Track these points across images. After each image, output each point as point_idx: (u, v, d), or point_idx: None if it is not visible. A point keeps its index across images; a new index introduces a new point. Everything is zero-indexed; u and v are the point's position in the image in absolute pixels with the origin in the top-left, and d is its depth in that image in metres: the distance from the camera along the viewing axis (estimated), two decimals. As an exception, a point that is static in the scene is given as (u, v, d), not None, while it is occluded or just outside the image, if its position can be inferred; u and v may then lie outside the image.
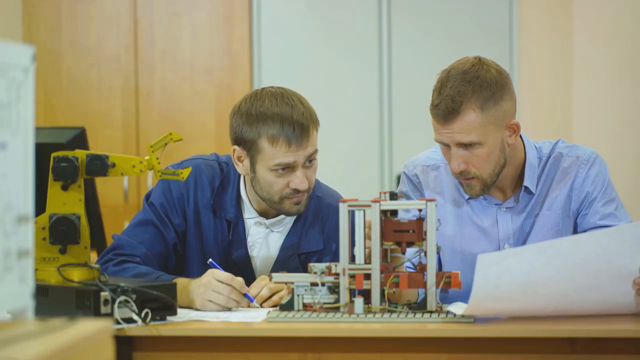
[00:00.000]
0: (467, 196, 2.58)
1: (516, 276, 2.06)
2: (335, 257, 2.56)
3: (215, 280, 2.31)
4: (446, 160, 2.52)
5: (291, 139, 2.43)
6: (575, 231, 2.58)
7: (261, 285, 2.40)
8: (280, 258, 2.58)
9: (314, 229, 2.60)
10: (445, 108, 2.41)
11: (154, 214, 2.57)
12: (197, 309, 2.32)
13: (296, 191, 2.48)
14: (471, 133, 2.42)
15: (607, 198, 2.56)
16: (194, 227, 2.58)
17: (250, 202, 2.59)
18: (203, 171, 2.58)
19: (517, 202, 2.57)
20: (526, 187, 2.55)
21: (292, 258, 2.58)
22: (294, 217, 2.60)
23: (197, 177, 2.57)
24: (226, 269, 2.43)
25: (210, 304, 2.31)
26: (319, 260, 2.58)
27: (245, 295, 2.33)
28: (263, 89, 2.52)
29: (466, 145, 2.44)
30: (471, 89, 2.41)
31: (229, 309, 2.31)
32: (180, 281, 2.35)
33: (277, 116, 2.44)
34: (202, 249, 2.57)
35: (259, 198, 2.55)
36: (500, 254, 2.13)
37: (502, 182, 2.56)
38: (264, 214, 2.60)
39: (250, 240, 2.59)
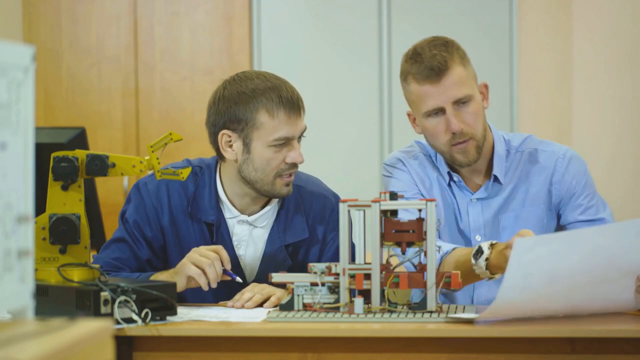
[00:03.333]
0: (445, 184, 2.60)
1: (545, 265, 2.05)
2: (323, 245, 2.57)
3: (203, 248, 2.36)
4: (438, 132, 2.52)
5: (290, 111, 2.44)
6: (558, 224, 2.60)
7: (254, 292, 2.39)
8: (267, 252, 2.56)
9: (298, 218, 2.57)
10: (436, 64, 2.48)
11: (127, 232, 2.55)
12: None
13: (292, 166, 2.47)
14: (463, 86, 2.50)
15: (588, 191, 2.60)
16: (172, 237, 2.55)
17: (229, 201, 2.56)
18: (174, 181, 2.54)
19: (488, 193, 2.59)
20: (495, 177, 2.57)
21: (279, 250, 2.56)
22: (276, 211, 2.58)
23: (169, 186, 2.54)
24: None
25: (191, 266, 2.32)
26: (307, 250, 2.57)
27: (226, 272, 2.34)
28: (243, 72, 2.54)
29: (459, 104, 2.49)
30: (447, 49, 2.52)
31: (209, 288, 2.33)
32: (158, 273, 2.42)
33: (273, 89, 2.45)
34: (182, 257, 2.55)
35: (244, 188, 2.52)
36: (533, 241, 2.10)
37: (477, 164, 2.58)
38: (244, 211, 2.58)
39: (235, 239, 2.56)
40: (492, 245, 2.30)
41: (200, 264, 2.32)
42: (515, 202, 2.59)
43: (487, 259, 2.28)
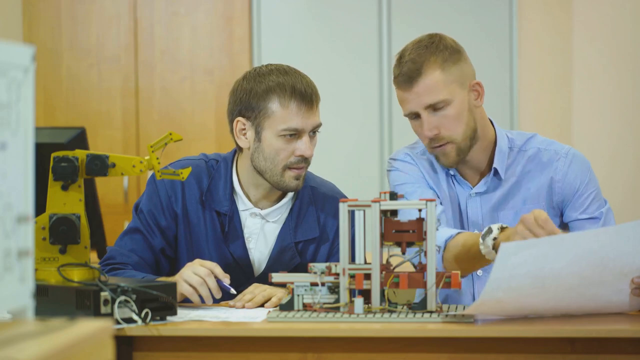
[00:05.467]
0: (449, 175, 2.60)
1: (531, 268, 2.05)
2: (333, 245, 2.59)
3: (197, 263, 2.36)
4: (418, 134, 2.56)
5: (301, 103, 2.47)
6: (562, 223, 2.60)
7: (254, 292, 2.40)
8: (277, 248, 2.58)
9: (310, 217, 2.60)
10: (408, 71, 2.50)
11: (142, 222, 2.58)
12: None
13: (300, 160, 2.49)
14: (437, 92, 2.49)
15: (592, 189, 2.60)
16: (183, 226, 2.58)
17: (244, 193, 2.59)
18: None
19: (487, 187, 2.59)
20: (495, 171, 2.58)
21: (289, 247, 2.58)
22: (290, 208, 2.61)
23: None
24: (223, 263, 2.46)
25: (184, 284, 2.33)
26: (316, 249, 2.59)
27: (220, 283, 2.34)
28: (266, 65, 2.57)
29: (435, 108, 2.49)
30: (429, 52, 2.51)
31: (200, 298, 2.33)
32: (162, 279, 2.41)
33: (288, 82, 2.48)
34: (192, 248, 2.57)
35: (258, 179, 2.55)
36: (520, 244, 2.11)
37: (476, 158, 2.58)
38: (257, 204, 2.60)
39: (246, 232, 2.59)
40: (502, 227, 2.30)
41: (192, 282, 2.34)
42: (515, 199, 2.59)
43: (495, 239, 2.28)
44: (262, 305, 2.38)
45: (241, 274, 2.56)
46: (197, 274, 2.33)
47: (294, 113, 2.47)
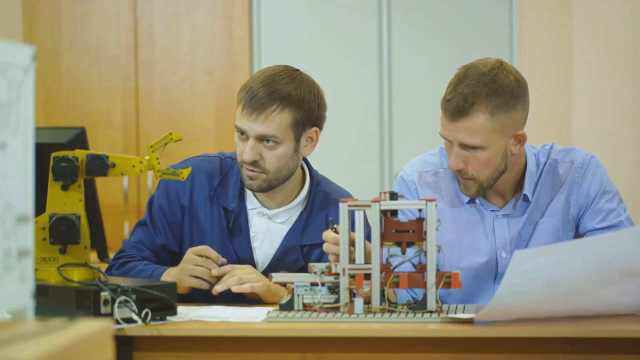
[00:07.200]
0: (465, 201, 2.57)
1: (544, 273, 2.05)
2: None
3: (192, 254, 2.40)
4: (447, 155, 2.51)
5: (247, 106, 2.50)
6: (577, 235, 2.57)
7: (231, 274, 2.41)
8: (282, 249, 2.59)
9: (319, 222, 2.61)
10: (456, 105, 2.40)
11: (150, 215, 2.63)
12: (182, 292, 2.40)
13: (246, 162, 2.51)
14: (476, 136, 2.41)
15: (608, 196, 2.56)
16: (189, 221, 2.61)
17: (253, 192, 2.60)
18: (201, 168, 2.62)
19: (514, 209, 2.56)
20: (524, 195, 2.55)
21: (294, 249, 2.59)
22: (300, 211, 2.62)
23: (195, 173, 2.61)
24: (227, 260, 2.48)
25: (190, 278, 2.39)
26: (322, 254, 2.59)
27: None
28: (273, 66, 2.61)
29: (468, 147, 2.43)
30: (486, 91, 2.41)
31: (210, 285, 2.39)
32: (171, 269, 2.47)
33: (252, 83, 2.53)
34: (196, 244, 2.59)
35: None
36: (534, 251, 2.11)
37: (502, 187, 2.55)
38: (265, 204, 2.61)
39: (252, 230, 2.60)
40: None
41: (197, 274, 2.39)
42: (536, 214, 2.55)
43: None
44: (260, 303, 2.40)
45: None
46: (198, 264, 2.39)
47: (240, 113, 2.52)
